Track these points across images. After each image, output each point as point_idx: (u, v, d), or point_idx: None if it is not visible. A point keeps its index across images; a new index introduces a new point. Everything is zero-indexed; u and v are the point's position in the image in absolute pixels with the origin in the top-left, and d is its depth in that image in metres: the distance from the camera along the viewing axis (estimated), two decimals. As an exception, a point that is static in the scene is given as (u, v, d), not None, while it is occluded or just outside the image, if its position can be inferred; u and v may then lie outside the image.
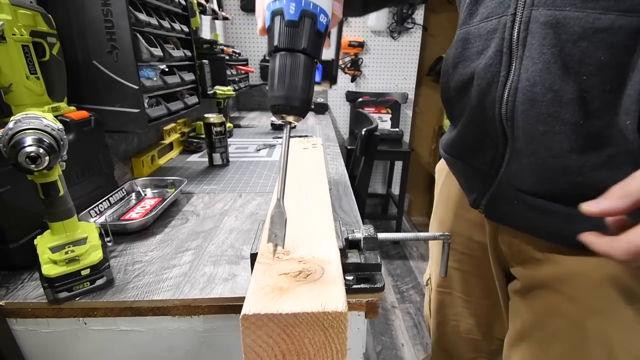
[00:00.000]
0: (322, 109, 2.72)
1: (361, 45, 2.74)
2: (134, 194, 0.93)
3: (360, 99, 2.83)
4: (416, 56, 2.84)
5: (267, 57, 2.54)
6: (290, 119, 0.41)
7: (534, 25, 0.45)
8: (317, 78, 0.56)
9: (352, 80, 2.88)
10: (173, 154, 1.38)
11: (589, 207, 0.37)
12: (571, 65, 0.43)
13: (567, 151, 0.46)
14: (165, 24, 1.00)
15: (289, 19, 0.39)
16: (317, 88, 0.52)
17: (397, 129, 2.83)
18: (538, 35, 0.45)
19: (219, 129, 1.18)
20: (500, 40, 0.50)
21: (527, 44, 0.47)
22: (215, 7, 1.92)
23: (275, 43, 0.40)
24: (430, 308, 0.93)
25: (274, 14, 0.40)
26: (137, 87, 0.84)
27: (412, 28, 2.75)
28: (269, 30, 0.41)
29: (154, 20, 0.93)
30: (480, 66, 0.53)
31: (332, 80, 0.67)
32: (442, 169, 0.83)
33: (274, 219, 0.39)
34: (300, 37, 0.39)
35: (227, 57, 1.79)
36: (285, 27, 0.39)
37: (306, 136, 1.19)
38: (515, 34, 0.48)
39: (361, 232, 0.53)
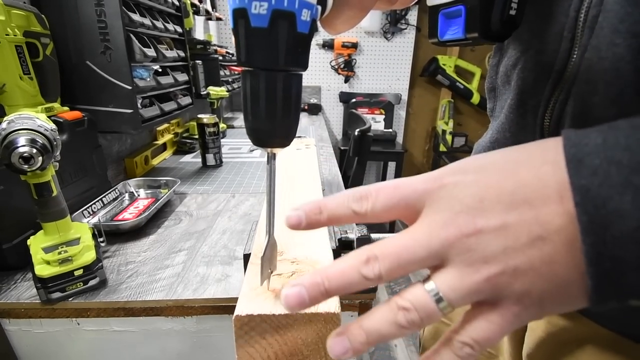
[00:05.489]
0: (315, 109, 2.72)
1: (355, 46, 2.75)
2: (127, 195, 0.93)
3: (354, 100, 2.84)
4: (409, 57, 2.85)
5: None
6: (271, 150, 0.34)
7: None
8: (460, 34, 0.39)
9: (346, 81, 2.89)
10: (166, 154, 1.37)
11: None
12: None
13: None
14: (159, 24, 1.00)
15: (256, 26, 0.28)
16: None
17: (390, 130, 2.84)
18: (613, 15, 0.31)
19: (212, 129, 1.18)
20: (563, 18, 0.35)
21: (596, 26, 0.32)
22: (209, 8, 1.92)
23: (242, 58, 0.30)
24: (424, 331, 0.75)
25: (236, 14, 0.28)
26: (130, 88, 0.84)
27: (405, 29, 2.76)
28: (234, 34, 0.30)
29: (147, 21, 0.93)
30: (531, 52, 0.40)
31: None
32: None
33: (266, 257, 0.36)
34: (275, 50, 0.29)
35: (220, 58, 1.79)
36: (252, 38, 0.28)
37: (299, 137, 1.20)
38: (584, 9, 0.33)
39: (354, 232, 0.53)
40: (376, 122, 2.87)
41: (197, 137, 1.27)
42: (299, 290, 0.24)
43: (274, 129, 0.32)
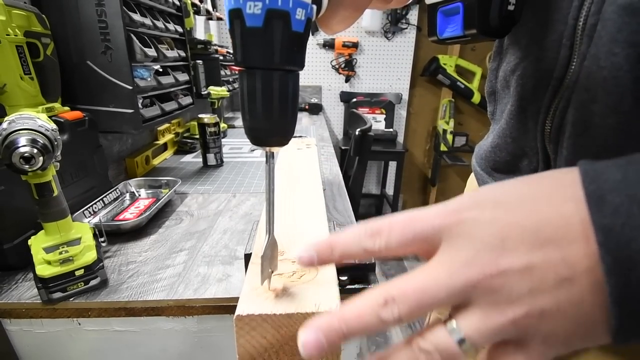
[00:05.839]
0: (316, 109, 2.72)
1: (355, 45, 2.74)
2: (128, 195, 0.93)
3: (354, 100, 2.83)
4: (410, 57, 2.85)
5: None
6: (269, 148, 0.34)
7: (610, 9, 0.31)
8: (459, 31, 0.40)
9: (346, 81, 2.89)
10: (167, 154, 1.37)
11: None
12: None
13: None
14: (159, 24, 1.00)
15: (251, 26, 0.28)
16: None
17: (391, 130, 2.83)
18: (611, 24, 0.31)
19: (213, 129, 1.18)
20: (561, 26, 0.35)
21: (594, 35, 0.32)
22: (210, 8, 1.92)
23: (238, 58, 0.30)
24: None
25: (231, 15, 0.29)
26: (131, 88, 0.84)
27: (406, 28, 2.76)
28: (230, 35, 0.30)
29: (148, 21, 0.93)
30: (530, 58, 0.40)
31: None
32: (471, 184, 0.65)
33: (266, 256, 0.36)
34: (270, 49, 0.29)
35: (221, 58, 1.79)
36: (248, 37, 0.29)
37: (300, 136, 1.20)
38: (583, 17, 0.33)
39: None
40: (377, 122, 2.87)
41: (197, 137, 1.27)
42: (316, 337, 0.23)
43: (271, 127, 0.32)
